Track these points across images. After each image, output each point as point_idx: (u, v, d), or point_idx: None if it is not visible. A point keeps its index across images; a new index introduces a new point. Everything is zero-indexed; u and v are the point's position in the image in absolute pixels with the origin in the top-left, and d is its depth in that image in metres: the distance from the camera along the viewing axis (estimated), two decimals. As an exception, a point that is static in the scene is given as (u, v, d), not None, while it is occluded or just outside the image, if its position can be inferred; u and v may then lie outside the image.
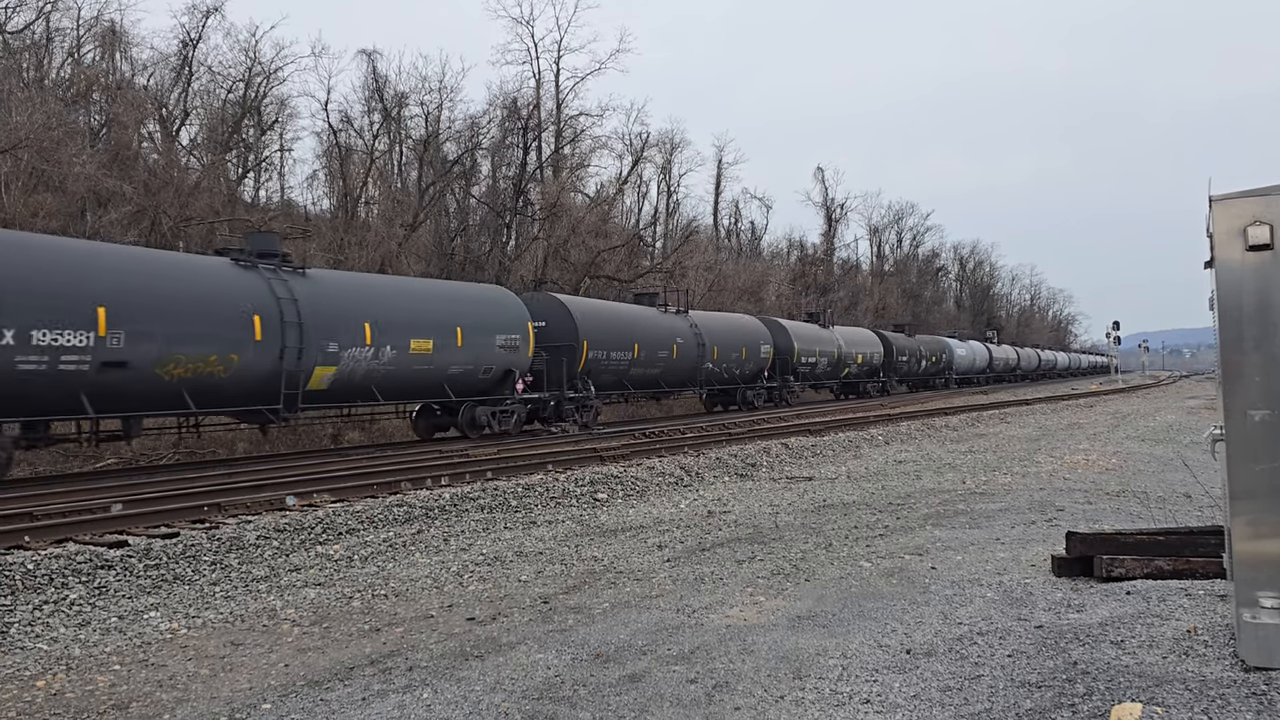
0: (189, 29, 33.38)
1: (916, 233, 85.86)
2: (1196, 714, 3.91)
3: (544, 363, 22.22)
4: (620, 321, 25.75)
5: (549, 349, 22.45)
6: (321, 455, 18.15)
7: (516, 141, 41.17)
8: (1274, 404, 4.37)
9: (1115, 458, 15.64)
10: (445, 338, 19.12)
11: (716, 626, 5.86)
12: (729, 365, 30.63)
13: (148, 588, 7.86)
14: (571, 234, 38.04)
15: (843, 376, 40.69)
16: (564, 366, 22.63)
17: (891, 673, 4.77)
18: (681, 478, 14.34)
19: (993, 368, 66.27)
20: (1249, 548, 4.41)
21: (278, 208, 35.79)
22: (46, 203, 22.78)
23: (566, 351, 22.83)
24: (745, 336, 32.19)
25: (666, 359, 26.88)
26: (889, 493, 12.11)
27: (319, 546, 9.41)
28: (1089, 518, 9.33)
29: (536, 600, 6.91)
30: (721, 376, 30.33)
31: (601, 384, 24.36)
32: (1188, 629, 5.03)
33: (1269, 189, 4.42)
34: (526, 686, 4.89)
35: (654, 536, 9.47)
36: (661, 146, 52.80)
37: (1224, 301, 4.50)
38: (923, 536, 8.68)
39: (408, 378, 18.46)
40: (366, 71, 39.24)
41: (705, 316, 31.15)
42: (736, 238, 65.41)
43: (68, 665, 5.81)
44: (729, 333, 31.36)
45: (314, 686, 5.12)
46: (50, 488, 12.66)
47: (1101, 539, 6.57)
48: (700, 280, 43.99)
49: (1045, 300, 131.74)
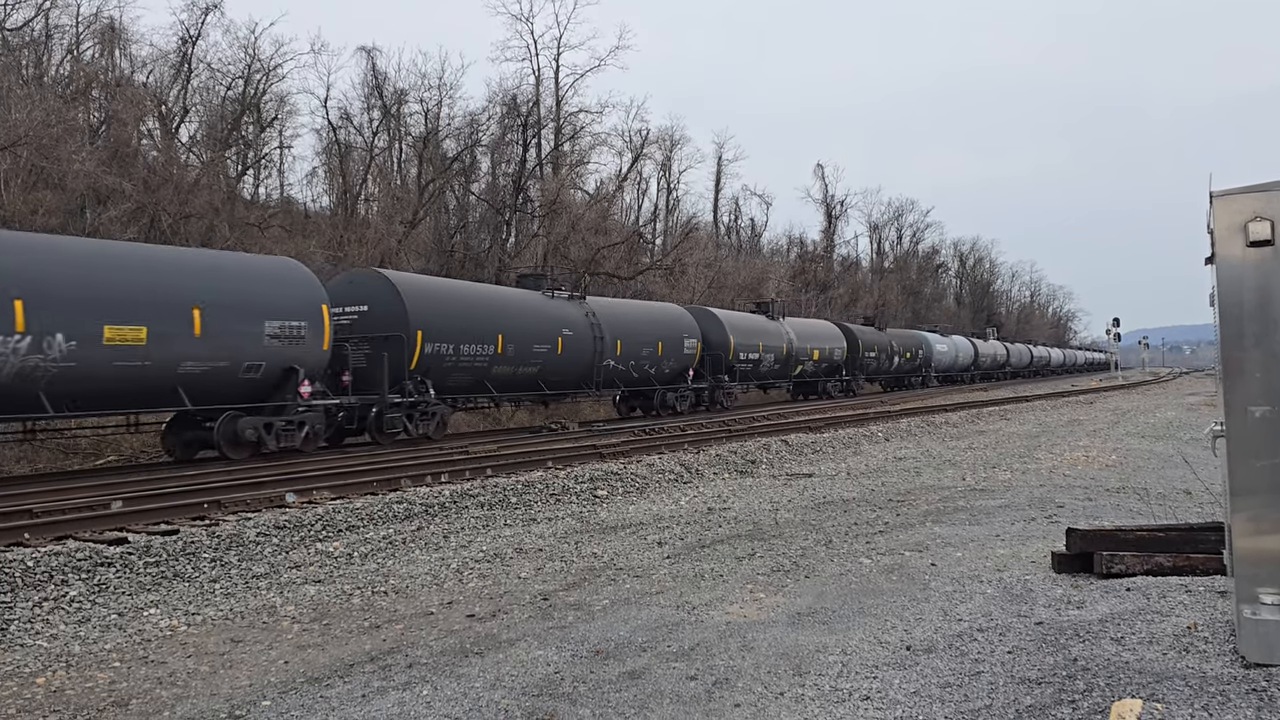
0: (188, 26, 33.43)
1: (916, 229, 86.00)
2: (1197, 710, 3.91)
3: (365, 359, 18.20)
4: (476, 308, 20.95)
5: (371, 341, 18.35)
6: (321, 452, 18.13)
7: (516, 138, 41.17)
8: (1274, 400, 4.36)
9: (1115, 454, 15.64)
10: (170, 323, 14.35)
11: (716, 623, 5.85)
12: (639, 363, 26.05)
13: (148, 585, 7.86)
14: (571, 231, 38.03)
15: (795, 375, 36.33)
16: (385, 363, 18.12)
17: (891, 669, 4.77)
18: (681, 474, 14.34)
19: (979, 364, 62.95)
20: (1249, 544, 4.41)
21: (277, 204, 35.79)
22: (46, 200, 22.78)
23: (393, 344, 18.35)
24: (661, 328, 27.43)
25: (548, 355, 22.32)
26: (889, 489, 12.11)
27: (319, 543, 9.41)
28: (1089, 514, 9.33)
29: (536, 597, 6.91)
30: (629, 376, 25.78)
31: (451, 386, 19.95)
32: (1188, 625, 5.03)
33: (1270, 185, 4.41)
34: (526, 683, 4.89)
35: (654, 533, 9.47)
36: (661, 143, 52.86)
37: (1224, 298, 4.49)
38: (923, 533, 8.68)
39: (104, 380, 13.57)
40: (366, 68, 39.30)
41: (608, 304, 26.71)
42: (736, 234, 65.45)
43: (68, 662, 5.81)
44: (639, 323, 26.61)
45: (314, 683, 5.12)
46: (50, 485, 12.66)
47: (1102, 535, 6.56)
48: (700, 277, 44.01)
49: (1045, 297, 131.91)
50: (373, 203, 37.78)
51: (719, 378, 30.16)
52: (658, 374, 27.16)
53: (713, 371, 29.93)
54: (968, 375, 60.00)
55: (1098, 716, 3.93)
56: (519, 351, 21.52)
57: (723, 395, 30.73)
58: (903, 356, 47.19)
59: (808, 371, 37.09)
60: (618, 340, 25.01)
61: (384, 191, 38.38)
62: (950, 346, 56.41)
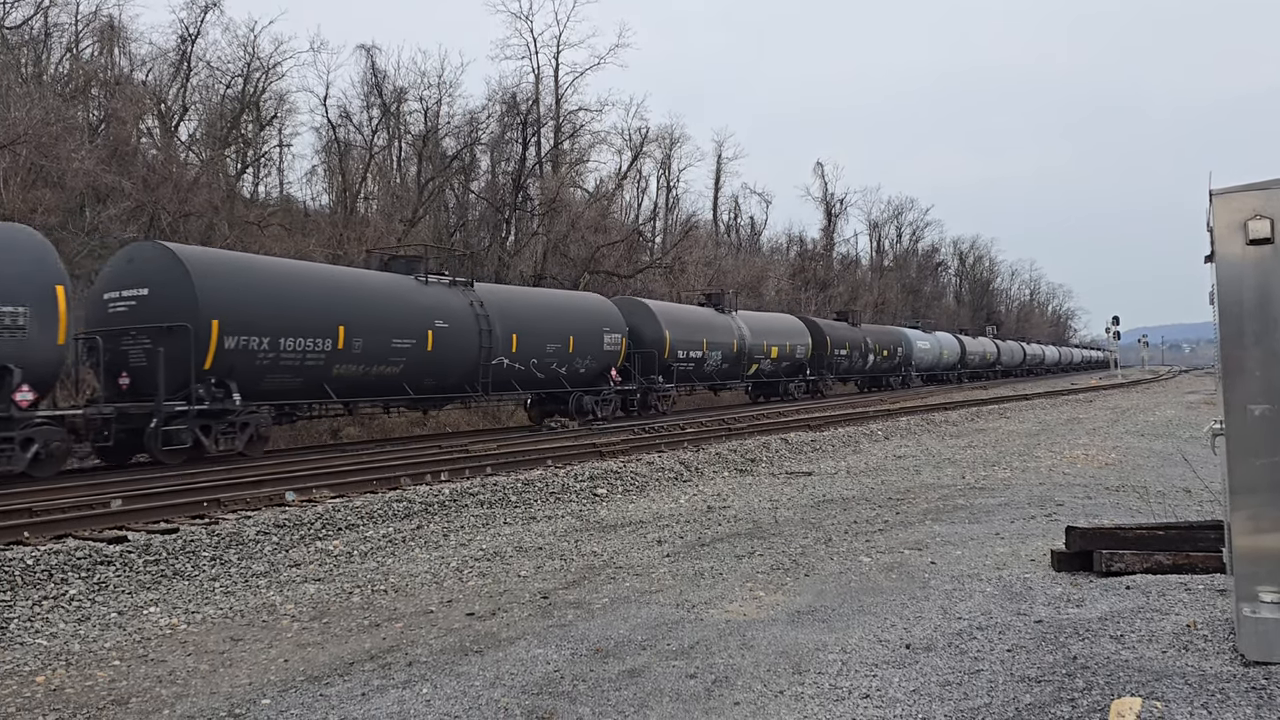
0: (187, 24, 33.40)
1: (916, 228, 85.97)
2: (1196, 708, 3.91)
3: (145, 355, 14.95)
4: (304, 293, 17.06)
5: (151, 333, 14.92)
6: (321, 451, 18.14)
7: (515, 137, 41.17)
8: (1274, 399, 4.36)
9: (1115, 453, 15.64)
10: None
11: (716, 621, 5.85)
12: (545, 361, 22.59)
13: (147, 583, 7.86)
14: (571, 229, 38.03)
15: (750, 375, 32.76)
16: (162, 361, 14.58)
17: (891, 667, 4.77)
18: (681, 473, 14.34)
19: (966, 363, 59.33)
20: (1249, 542, 4.41)
21: (276, 203, 35.78)
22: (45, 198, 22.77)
23: (176, 337, 14.72)
24: (573, 321, 23.72)
25: (414, 351, 18.69)
26: (888, 488, 12.12)
27: (318, 542, 9.41)
28: (1088, 512, 9.34)
29: (536, 595, 6.91)
30: (531, 377, 22.28)
31: (270, 390, 16.37)
32: (1187, 624, 5.03)
33: (1269, 183, 4.41)
34: (526, 681, 4.89)
35: (653, 532, 9.47)
36: (661, 141, 52.86)
37: (1224, 296, 4.49)
38: (922, 531, 8.68)
39: None
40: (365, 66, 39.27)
41: (502, 293, 23.12)
42: (736, 233, 65.44)
43: (67, 661, 5.81)
44: (542, 315, 22.95)
45: (314, 682, 5.12)
46: (50, 483, 12.65)
47: (1101, 534, 6.57)
48: (700, 275, 43.98)
49: (1045, 295, 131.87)
50: (372, 201, 37.76)
51: (651, 379, 26.32)
52: (570, 374, 23.47)
53: (644, 371, 26.18)
54: (954, 374, 56.95)
55: (1097, 715, 3.93)
56: (371, 347, 17.67)
57: (657, 399, 26.89)
58: (879, 354, 43.61)
59: (765, 371, 33.26)
60: (513, 334, 21.38)
61: (383, 190, 38.37)
62: (934, 344, 52.96)
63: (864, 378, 44.73)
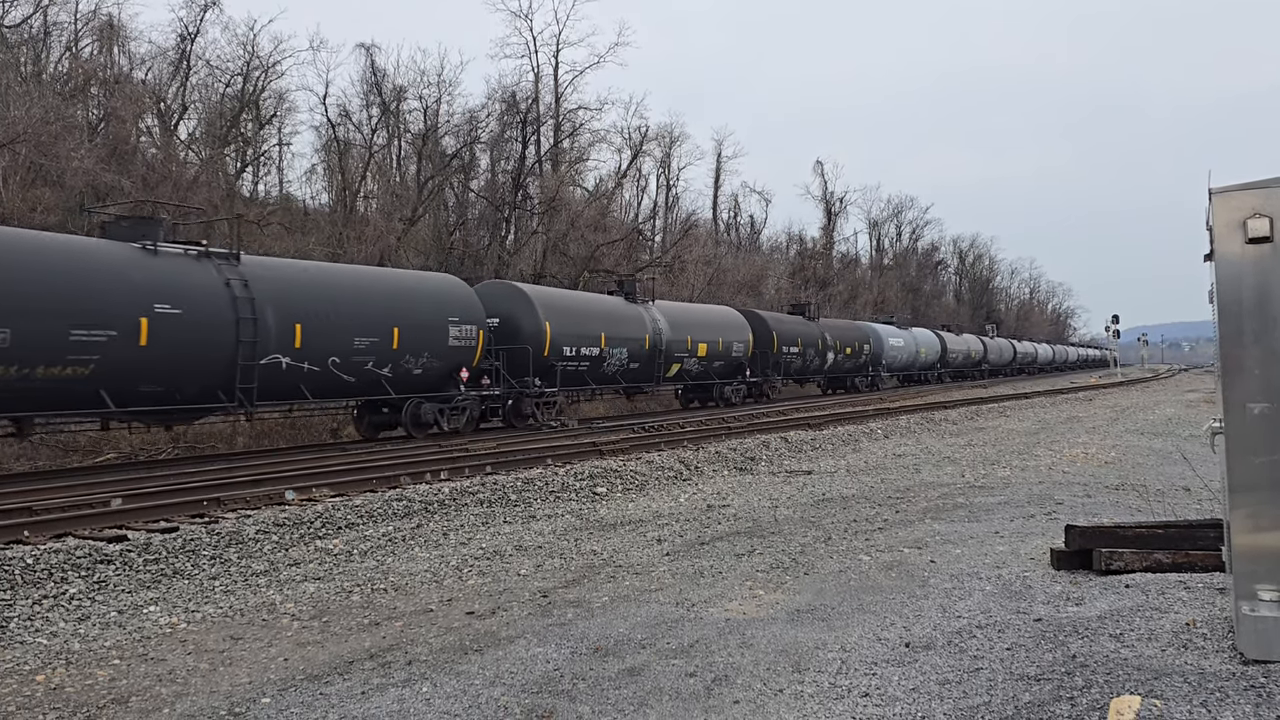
0: (187, 23, 33.40)
1: (916, 226, 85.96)
2: (1195, 706, 3.91)
3: None
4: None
5: None
6: (320, 449, 18.14)
7: (515, 135, 41.15)
8: (1273, 397, 4.36)
9: (1114, 451, 15.64)
10: None
11: (715, 620, 5.86)
12: (348, 361, 17.04)
13: (147, 582, 7.86)
14: (570, 228, 38.02)
15: (670, 376, 27.32)
16: None
17: (890, 666, 4.77)
18: (680, 472, 14.34)
19: (947, 362, 54.51)
20: (1248, 541, 4.41)
21: (276, 202, 35.77)
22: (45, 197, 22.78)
23: None
24: (399, 309, 18.29)
25: (113, 347, 13.44)
26: (888, 486, 12.12)
27: (318, 541, 9.42)
28: (1088, 511, 9.34)
29: (536, 594, 6.92)
30: (335, 382, 17.00)
31: None
32: (1186, 622, 5.03)
33: (1269, 181, 4.41)
34: (526, 680, 4.89)
35: (653, 530, 9.48)
36: (660, 140, 52.87)
37: (1223, 295, 4.49)
38: (922, 530, 8.68)
39: None
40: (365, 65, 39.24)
41: (287, 269, 17.34)
42: (736, 231, 65.44)
43: (67, 660, 5.81)
44: (345, 300, 17.28)
45: (313, 680, 5.12)
46: (49, 482, 12.66)
47: (1100, 532, 6.57)
48: (699, 274, 43.99)
49: (1045, 294, 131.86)
50: (372, 200, 37.74)
51: (525, 381, 21.23)
52: (398, 377, 18.17)
53: (516, 373, 21.08)
54: (934, 374, 52.27)
55: (1096, 713, 3.93)
56: (31, 344, 12.55)
57: (541, 406, 21.91)
58: (841, 352, 38.91)
59: (691, 371, 28.12)
60: (295, 325, 16.10)
61: (383, 189, 38.35)
62: (908, 341, 48.09)
63: (825, 378, 40.37)
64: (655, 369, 26.37)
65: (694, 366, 28.35)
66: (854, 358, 40.33)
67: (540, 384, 21.89)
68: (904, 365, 47.21)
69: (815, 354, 36.17)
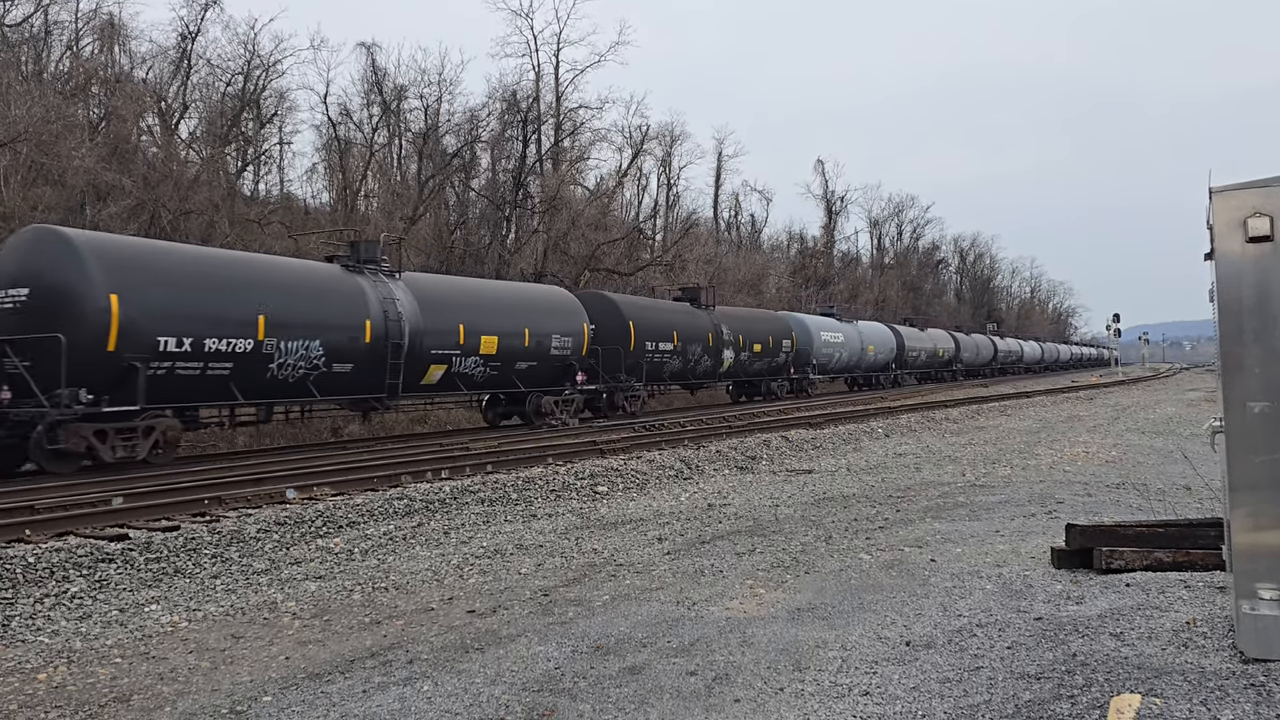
0: (188, 22, 33.43)
1: (916, 225, 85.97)
2: (1195, 705, 3.91)
3: None
4: None
5: None
6: (321, 448, 18.16)
7: (516, 134, 41.15)
8: (1273, 396, 4.37)
9: (1115, 450, 15.64)
10: None
11: (716, 619, 5.86)
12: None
13: (148, 581, 7.87)
14: (571, 227, 38.03)
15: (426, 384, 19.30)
16: None
17: (891, 665, 4.78)
18: (681, 470, 14.35)
19: (905, 361, 47.01)
20: (1248, 539, 4.42)
21: (277, 201, 35.79)
22: (45, 196, 22.79)
23: None
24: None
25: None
26: (889, 485, 12.12)
27: (319, 540, 9.42)
28: (1088, 510, 9.34)
29: (537, 593, 6.92)
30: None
31: None
32: (1186, 620, 5.04)
33: (1269, 180, 4.41)
34: (527, 678, 4.90)
35: (654, 529, 9.48)
36: (661, 139, 52.89)
37: (1224, 294, 4.49)
38: (922, 529, 8.69)
39: None
40: (365, 64, 39.30)
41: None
42: (736, 230, 65.44)
43: (69, 658, 5.82)
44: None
45: (314, 679, 5.13)
46: (51, 481, 12.67)
47: (1101, 531, 6.57)
48: (700, 273, 43.98)
49: (1045, 293, 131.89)
50: (373, 199, 37.77)
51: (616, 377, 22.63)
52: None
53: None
54: (887, 376, 45.36)
55: (1096, 711, 3.94)
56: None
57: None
58: (745, 350, 31.40)
59: (476, 378, 20.43)
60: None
61: (384, 188, 38.38)
62: (849, 337, 40.20)
63: (739, 382, 33.43)
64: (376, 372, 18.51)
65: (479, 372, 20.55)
66: (766, 356, 33.23)
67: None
68: (845, 365, 39.96)
69: (703, 353, 29.00)
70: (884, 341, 44.77)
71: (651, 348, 25.75)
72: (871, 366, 43.36)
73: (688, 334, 27.73)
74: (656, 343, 26.05)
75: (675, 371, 27.71)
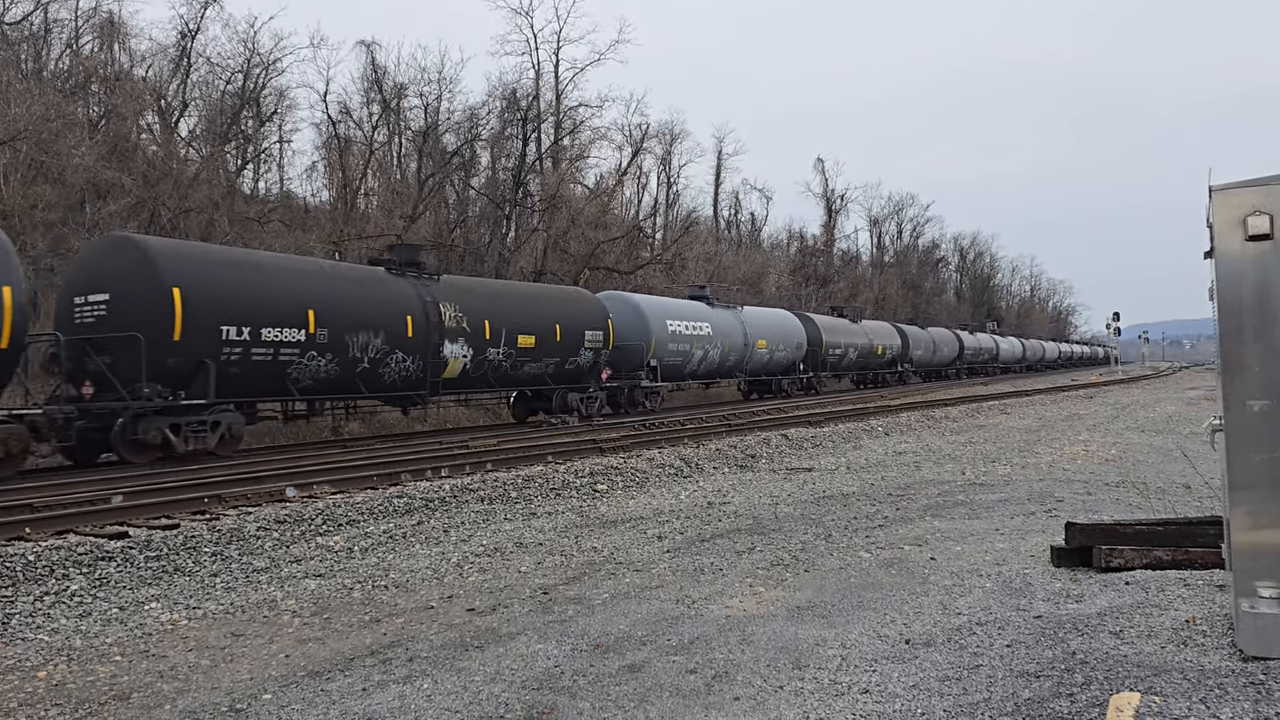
0: (187, 20, 33.42)
1: (916, 224, 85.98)
2: (1194, 703, 3.92)
3: None
4: None
5: None
6: (321, 447, 18.15)
7: (516, 133, 41.15)
8: (1273, 394, 4.37)
9: (1115, 449, 15.64)
10: None
11: (716, 617, 5.87)
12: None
13: (148, 579, 7.87)
14: (571, 225, 38.03)
15: None
16: None
17: (890, 663, 4.78)
18: (681, 469, 14.35)
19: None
20: (1248, 538, 4.42)
21: (277, 199, 35.77)
22: (45, 194, 22.79)
23: None
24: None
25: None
26: (888, 484, 12.13)
27: (319, 538, 9.42)
28: (1088, 508, 9.35)
29: (536, 591, 6.92)
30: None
31: None
32: (1186, 619, 5.04)
33: (1269, 179, 4.41)
34: (526, 677, 4.90)
35: (654, 528, 9.48)
36: (661, 137, 52.90)
37: (1223, 292, 4.49)
38: (922, 527, 8.69)
39: None
40: (365, 62, 39.30)
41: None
42: (736, 229, 65.43)
43: (69, 656, 5.82)
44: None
45: (314, 677, 5.13)
46: (51, 479, 12.67)
47: (1101, 529, 6.58)
48: (700, 271, 43.97)
49: (1045, 291, 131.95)
50: (372, 197, 37.76)
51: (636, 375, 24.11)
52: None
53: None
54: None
55: (1096, 709, 3.94)
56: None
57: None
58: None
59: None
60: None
61: (384, 186, 38.36)
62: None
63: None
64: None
65: None
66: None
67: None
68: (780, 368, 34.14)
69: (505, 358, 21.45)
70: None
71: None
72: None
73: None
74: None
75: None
